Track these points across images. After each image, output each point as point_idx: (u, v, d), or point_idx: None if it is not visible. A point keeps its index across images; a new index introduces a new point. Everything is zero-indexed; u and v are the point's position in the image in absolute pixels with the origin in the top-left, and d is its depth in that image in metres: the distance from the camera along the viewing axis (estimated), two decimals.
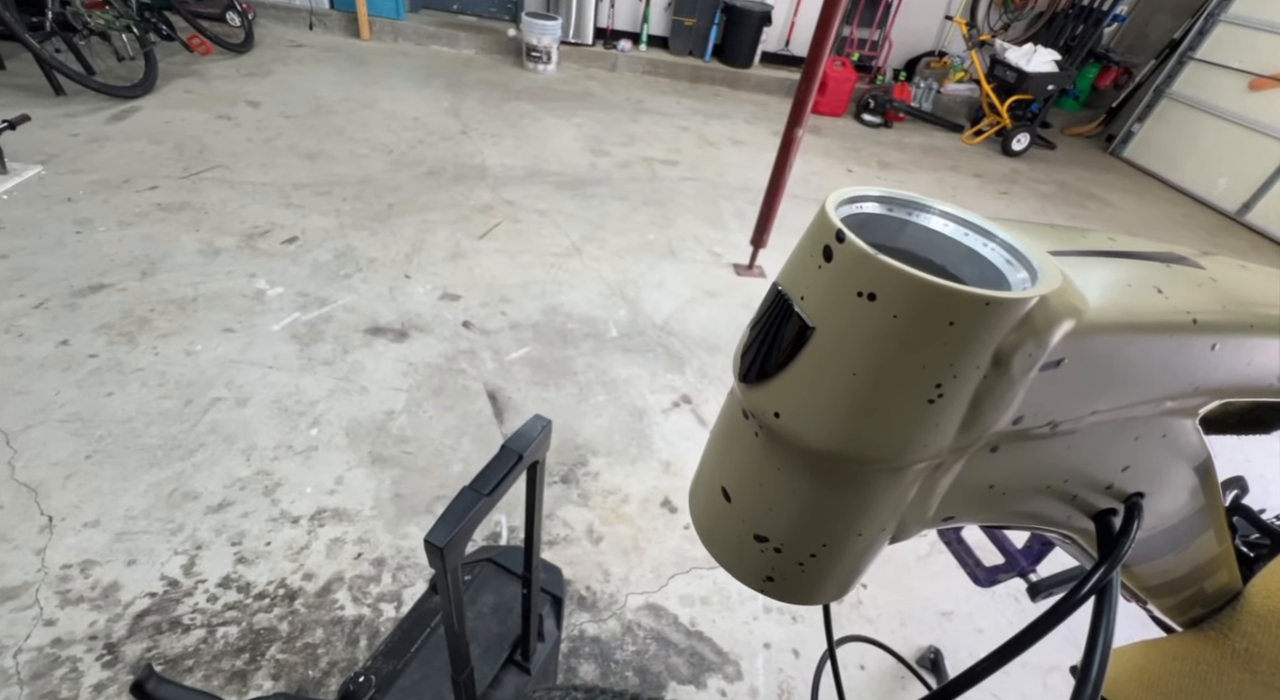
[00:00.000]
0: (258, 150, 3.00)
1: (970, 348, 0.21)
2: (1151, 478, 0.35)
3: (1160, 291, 0.26)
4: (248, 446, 1.61)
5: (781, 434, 0.26)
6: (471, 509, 0.54)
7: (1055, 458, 0.30)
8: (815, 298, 0.23)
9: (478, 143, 3.51)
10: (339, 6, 4.82)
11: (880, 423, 0.23)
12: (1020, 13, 5.77)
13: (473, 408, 1.85)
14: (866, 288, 0.21)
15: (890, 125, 5.22)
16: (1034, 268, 0.23)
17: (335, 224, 2.56)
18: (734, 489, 0.30)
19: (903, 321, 0.21)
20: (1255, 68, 4.39)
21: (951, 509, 0.31)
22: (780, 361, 0.25)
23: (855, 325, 0.22)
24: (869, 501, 0.27)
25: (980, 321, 0.21)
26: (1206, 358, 0.27)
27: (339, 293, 2.19)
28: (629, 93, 4.86)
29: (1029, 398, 0.25)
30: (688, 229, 3.03)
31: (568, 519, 1.58)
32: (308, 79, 3.92)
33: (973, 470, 0.29)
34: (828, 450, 0.25)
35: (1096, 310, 0.23)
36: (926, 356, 0.22)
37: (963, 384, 0.22)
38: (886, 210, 0.26)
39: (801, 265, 0.24)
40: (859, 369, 0.23)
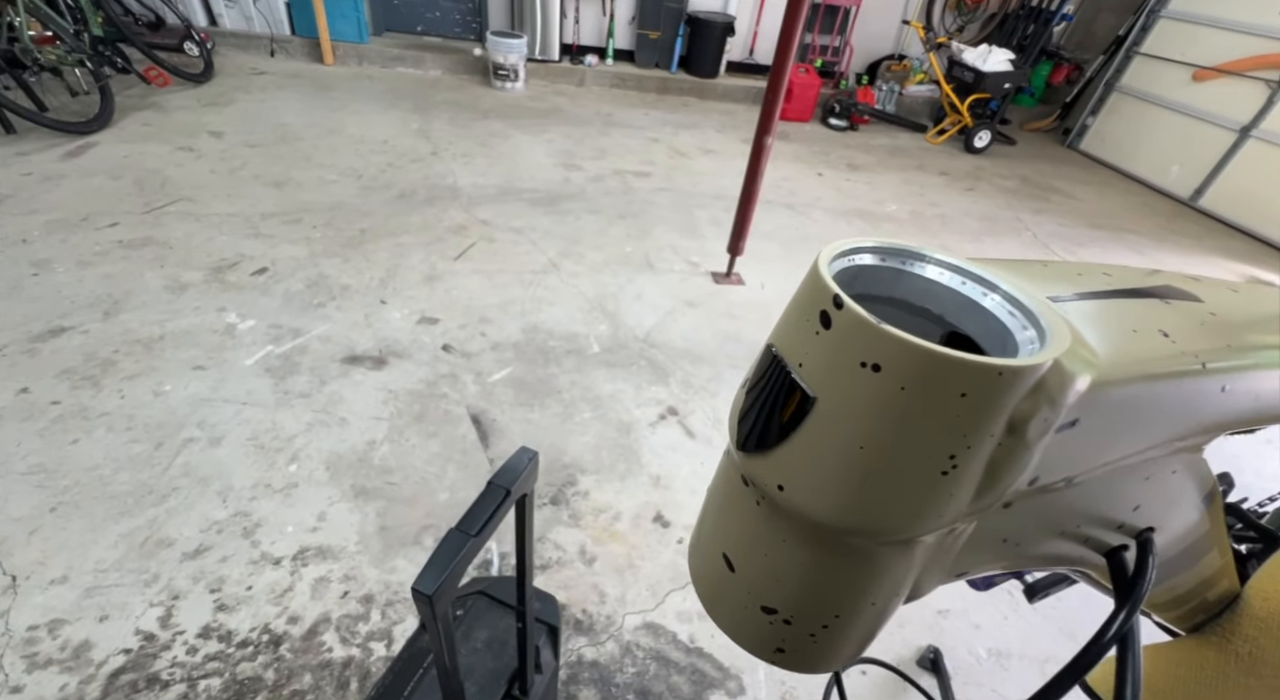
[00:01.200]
0: (222, 181, 2.94)
1: (983, 418, 0.20)
2: (1162, 512, 0.34)
3: (1167, 335, 0.25)
4: (223, 487, 1.55)
5: (786, 507, 0.25)
6: (460, 552, 0.52)
7: (1068, 506, 0.30)
8: (814, 366, 0.22)
9: (449, 163, 3.49)
10: (300, 32, 4.77)
11: (891, 496, 0.22)
12: (973, 14, 5.95)
13: (456, 433, 1.82)
14: (870, 358, 0.20)
15: (856, 128, 5.32)
16: (1041, 325, 0.22)
17: (306, 252, 2.51)
18: (737, 558, 0.29)
19: (911, 393, 0.20)
20: (1197, 60, 4.58)
21: (964, 565, 0.30)
22: (781, 432, 0.23)
23: (859, 397, 0.21)
24: (882, 571, 0.26)
25: (993, 391, 0.20)
26: (1217, 399, 0.27)
27: (313, 322, 2.15)
28: (598, 107, 4.88)
29: (1045, 458, 0.24)
30: (664, 240, 3.04)
31: (559, 541, 1.56)
32: (271, 106, 3.86)
33: (985, 527, 0.28)
34: (837, 525, 0.24)
35: (1108, 365, 0.23)
36: (937, 428, 0.20)
37: (976, 454, 0.21)
38: (881, 261, 0.25)
39: (798, 329, 0.23)
40: (866, 442, 0.21)
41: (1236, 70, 4.32)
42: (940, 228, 3.66)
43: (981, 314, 0.23)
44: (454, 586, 0.53)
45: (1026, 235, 3.75)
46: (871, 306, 0.25)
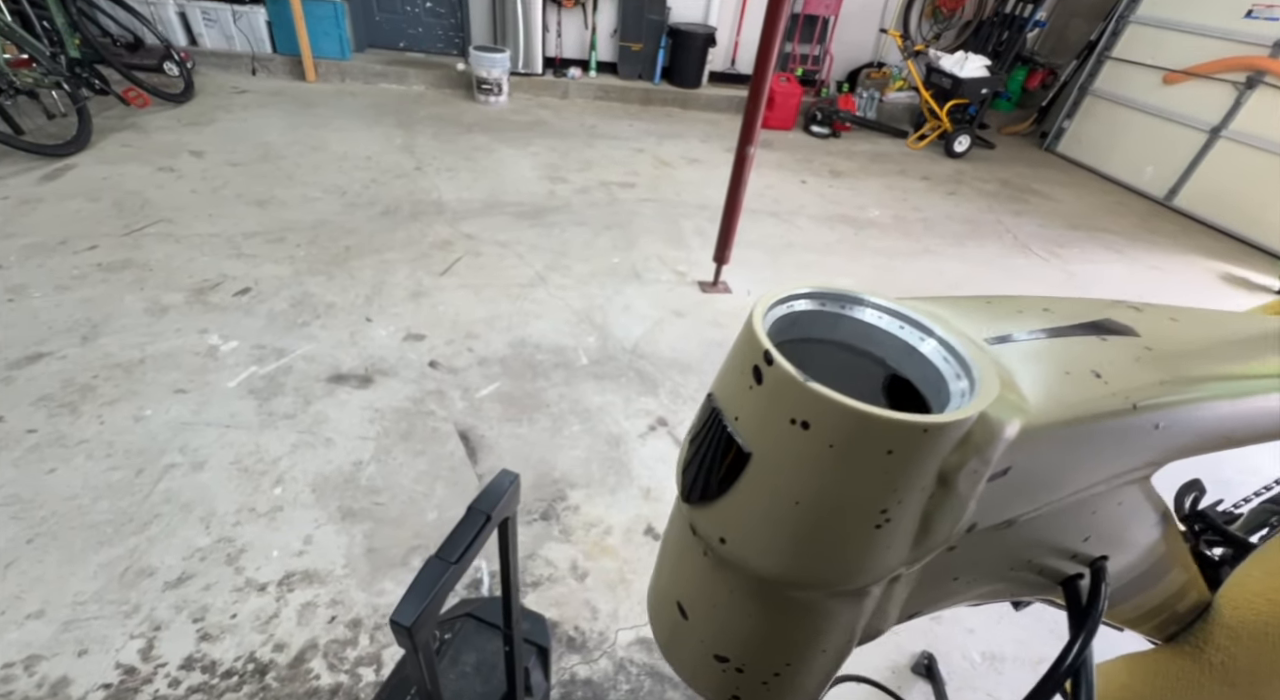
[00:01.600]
0: (203, 201, 2.91)
1: (912, 473, 0.21)
2: (1113, 541, 0.35)
3: (1099, 375, 0.25)
4: (206, 513, 1.53)
5: (729, 560, 0.25)
6: (439, 581, 0.51)
7: (1014, 544, 0.30)
8: (749, 421, 0.22)
9: (433, 178, 3.48)
10: (282, 50, 4.77)
11: (829, 550, 0.22)
12: (949, 22, 6.06)
13: (444, 450, 1.80)
14: (799, 416, 0.20)
15: (838, 135, 5.39)
16: (973, 374, 0.22)
17: (290, 271, 2.49)
18: (689, 606, 0.29)
19: (839, 450, 0.20)
20: (1166, 63, 4.69)
21: (916, 606, 0.30)
22: (721, 485, 0.23)
23: (792, 453, 0.21)
24: (830, 621, 0.26)
25: (919, 447, 0.20)
26: (1151, 436, 0.27)
27: (297, 342, 2.12)
28: (582, 119, 4.91)
29: (981, 504, 0.24)
30: (651, 250, 3.05)
31: (550, 557, 1.54)
32: (253, 125, 3.85)
33: (932, 570, 0.28)
34: (778, 578, 0.24)
35: (1037, 412, 0.23)
36: (868, 484, 0.21)
37: (909, 507, 0.22)
38: (820, 306, 0.25)
39: (734, 382, 0.23)
40: (801, 498, 0.21)
41: (1204, 73, 4.43)
42: (923, 232, 3.70)
43: (919, 360, 0.23)
44: (434, 616, 0.52)
45: (1008, 237, 3.80)
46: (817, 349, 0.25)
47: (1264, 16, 4.09)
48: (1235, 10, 4.24)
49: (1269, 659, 0.46)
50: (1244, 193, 4.23)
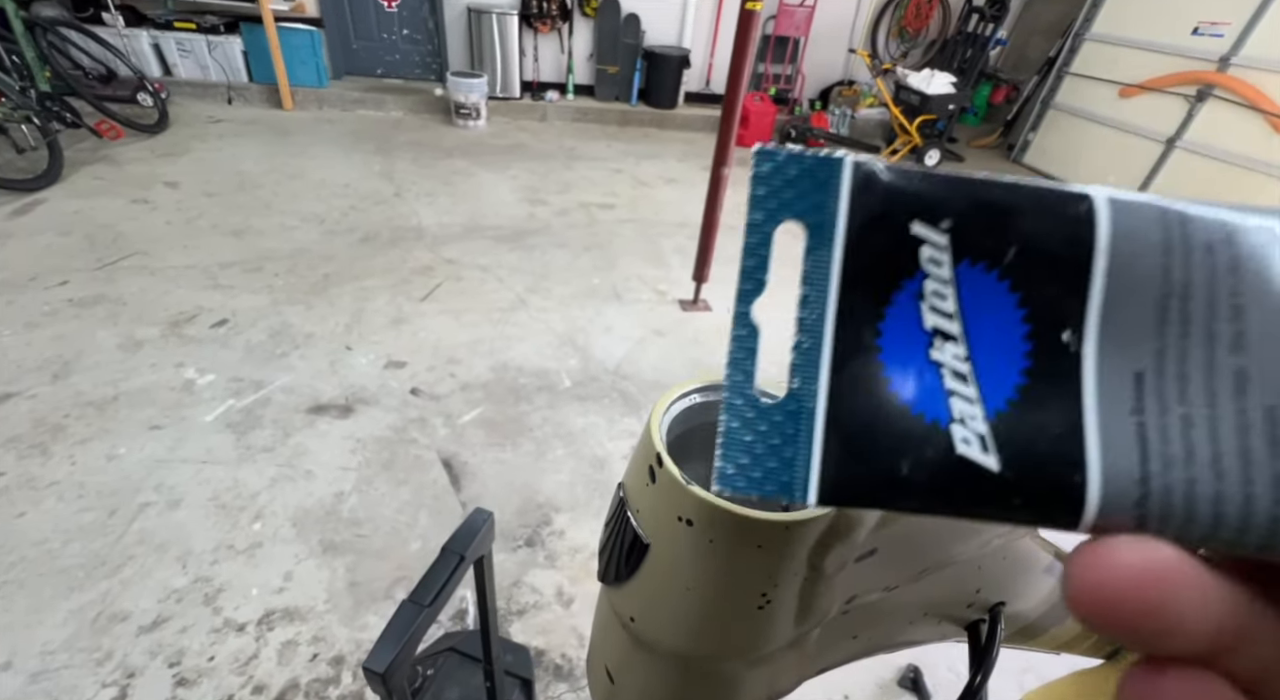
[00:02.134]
0: (178, 232, 2.89)
1: (782, 563, 0.23)
2: (1006, 590, 0.37)
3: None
4: (183, 553, 1.50)
5: (639, 636, 0.27)
6: (413, 625, 0.52)
7: (907, 603, 0.32)
8: (646, 515, 0.25)
9: (412, 203, 3.50)
10: (258, 79, 4.77)
11: (719, 629, 0.25)
12: (915, 41, 6.26)
13: (427, 478, 1.79)
14: (684, 514, 0.23)
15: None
16: None
17: (268, 301, 2.48)
18: (615, 672, 0.31)
19: (718, 544, 0.22)
20: (1121, 78, 4.89)
21: (823, 661, 0.32)
22: (628, 570, 0.26)
23: (681, 546, 0.23)
24: (735, 686, 0.29)
25: (785, 542, 0.22)
26: None
27: (276, 373, 2.11)
28: (561, 141, 4.97)
29: (856, 581, 0.26)
30: (631, 270, 3.08)
31: (536, 584, 1.53)
32: (229, 154, 3.84)
33: (830, 632, 0.30)
34: (680, 653, 0.26)
35: None
36: (746, 573, 0.23)
37: (785, 590, 0.24)
38: (717, 397, 0.27)
39: (635, 478, 0.25)
40: (691, 584, 0.24)
41: (1157, 86, 4.62)
42: None
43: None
44: (408, 661, 0.52)
45: None
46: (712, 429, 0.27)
47: (1209, 33, 4.29)
48: (1183, 27, 4.44)
49: None
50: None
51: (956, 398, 0.12)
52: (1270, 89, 3.98)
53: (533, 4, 5.11)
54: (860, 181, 0.14)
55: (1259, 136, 4.05)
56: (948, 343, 0.13)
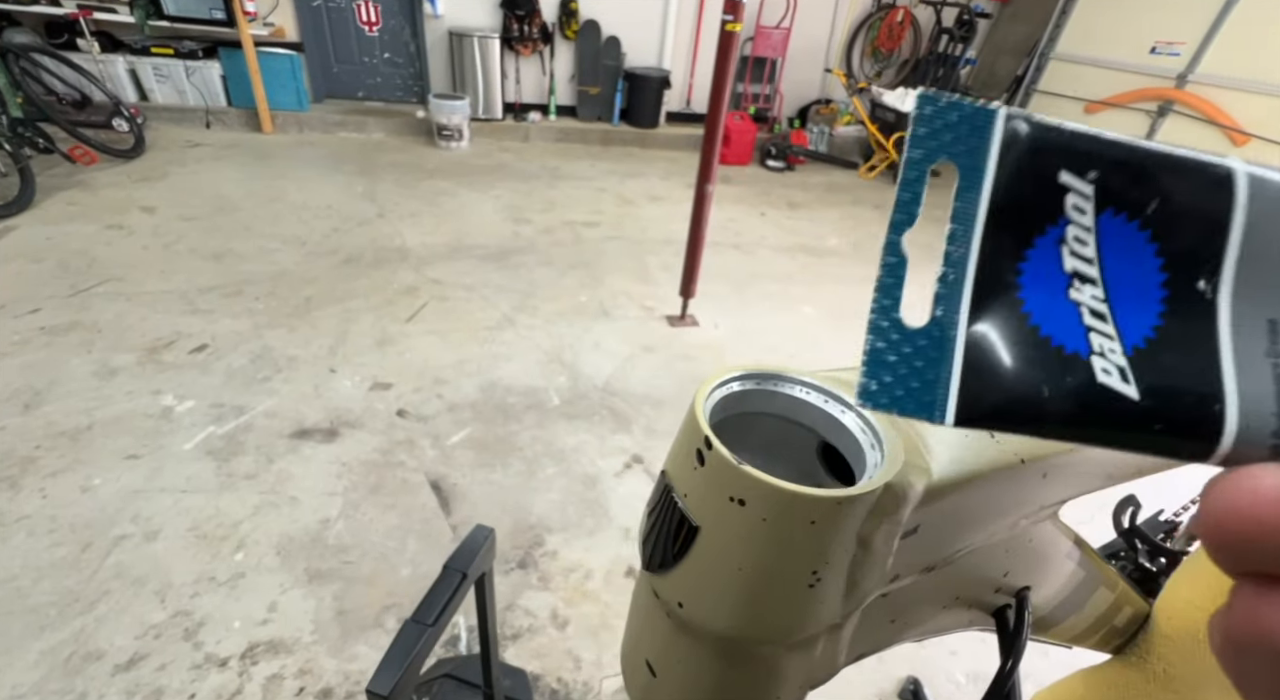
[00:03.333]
0: (155, 257, 2.84)
1: (834, 539, 0.23)
2: (1031, 573, 0.38)
3: (993, 436, 0.29)
4: (161, 586, 1.44)
5: (687, 621, 0.27)
6: (416, 645, 0.50)
7: (941, 586, 0.33)
8: (695, 498, 0.25)
9: (395, 224, 3.48)
10: (237, 103, 4.76)
11: (770, 609, 0.25)
12: (889, 61, 6.46)
13: (416, 501, 1.75)
14: (736, 494, 0.23)
15: (793, 168, 5.62)
16: (883, 443, 0.25)
17: (249, 325, 2.43)
18: (657, 664, 0.31)
19: (771, 523, 0.23)
20: (1086, 95, 5.09)
21: (860, 648, 0.33)
22: (675, 555, 0.26)
23: (732, 526, 0.24)
24: (780, 671, 0.29)
25: (837, 517, 0.23)
26: (1040, 485, 0.31)
27: (258, 398, 2.06)
28: (544, 161, 5.00)
29: (899, 559, 0.27)
30: (618, 287, 3.09)
31: (529, 607, 1.50)
32: (208, 178, 3.80)
33: (869, 617, 0.30)
34: (729, 636, 0.27)
35: (939, 474, 0.26)
36: (798, 550, 0.23)
37: (836, 567, 0.25)
38: (756, 385, 0.28)
39: (682, 462, 0.25)
40: (743, 564, 0.24)
41: (1120, 103, 4.81)
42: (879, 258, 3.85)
43: (843, 430, 0.26)
44: (412, 682, 0.51)
45: None
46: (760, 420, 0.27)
47: (1166, 52, 4.50)
48: (1141, 47, 4.65)
49: (1203, 664, 0.49)
50: None
51: (1095, 333, 0.14)
52: (1225, 104, 4.17)
53: (514, 27, 5.18)
54: (1011, 131, 0.15)
55: (1217, 149, 4.22)
56: (1086, 285, 0.14)
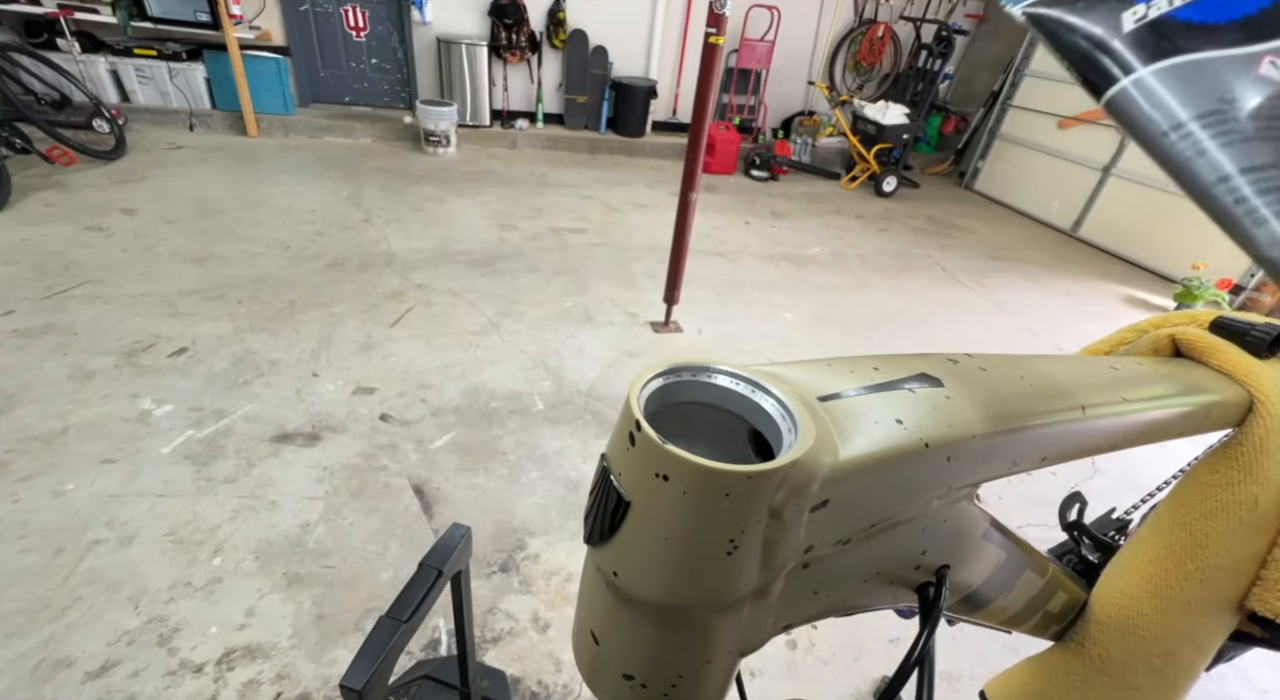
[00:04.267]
0: (135, 260, 2.81)
1: (747, 510, 0.26)
2: (949, 552, 0.40)
3: (900, 422, 0.31)
4: (135, 592, 1.42)
5: (622, 590, 0.30)
6: (391, 641, 0.51)
7: (860, 561, 0.35)
8: (627, 475, 0.27)
9: (381, 229, 3.48)
10: (222, 106, 4.73)
11: (694, 575, 0.28)
12: (870, 75, 6.60)
13: (398, 506, 1.75)
14: (661, 470, 0.26)
15: (777, 178, 5.70)
16: (797, 425, 0.28)
17: (230, 329, 2.42)
18: (600, 633, 0.34)
19: (691, 496, 0.26)
20: (1060, 111, 5.24)
21: (788, 617, 0.36)
22: (611, 528, 0.28)
23: (658, 500, 0.26)
24: (708, 635, 0.32)
25: (748, 490, 0.25)
26: (945, 467, 0.33)
27: (239, 402, 2.05)
28: (531, 168, 5.03)
29: (812, 531, 0.30)
30: (603, 293, 3.11)
31: (511, 610, 1.50)
32: (191, 181, 3.77)
33: (793, 586, 0.33)
34: (659, 601, 0.29)
35: (844, 456, 0.29)
36: (716, 521, 0.26)
37: (751, 536, 0.27)
38: (690, 377, 0.31)
39: (617, 445, 0.28)
40: (668, 535, 0.27)
41: (1091, 119, 4.96)
42: (860, 267, 3.92)
43: (765, 415, 0.29)
44: (386, 678, 0.52)
45: (937, 270, 4.07)
46: (689, 410, 0.30)
47: None
48: None
49: (1133, 649, 0.52)
50: (1136, 223, 4.69)
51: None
52: None
53: (502, 35, 5.22)
54: None
55: None
56: None
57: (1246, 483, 0.48)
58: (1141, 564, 0.53)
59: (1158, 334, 0.56)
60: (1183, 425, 0.47)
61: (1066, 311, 3.73)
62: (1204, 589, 0.50)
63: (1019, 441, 0.37)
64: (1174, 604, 0.51)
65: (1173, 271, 4.38)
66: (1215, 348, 0.51)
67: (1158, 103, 0.18)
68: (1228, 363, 0.50)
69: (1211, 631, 0.53)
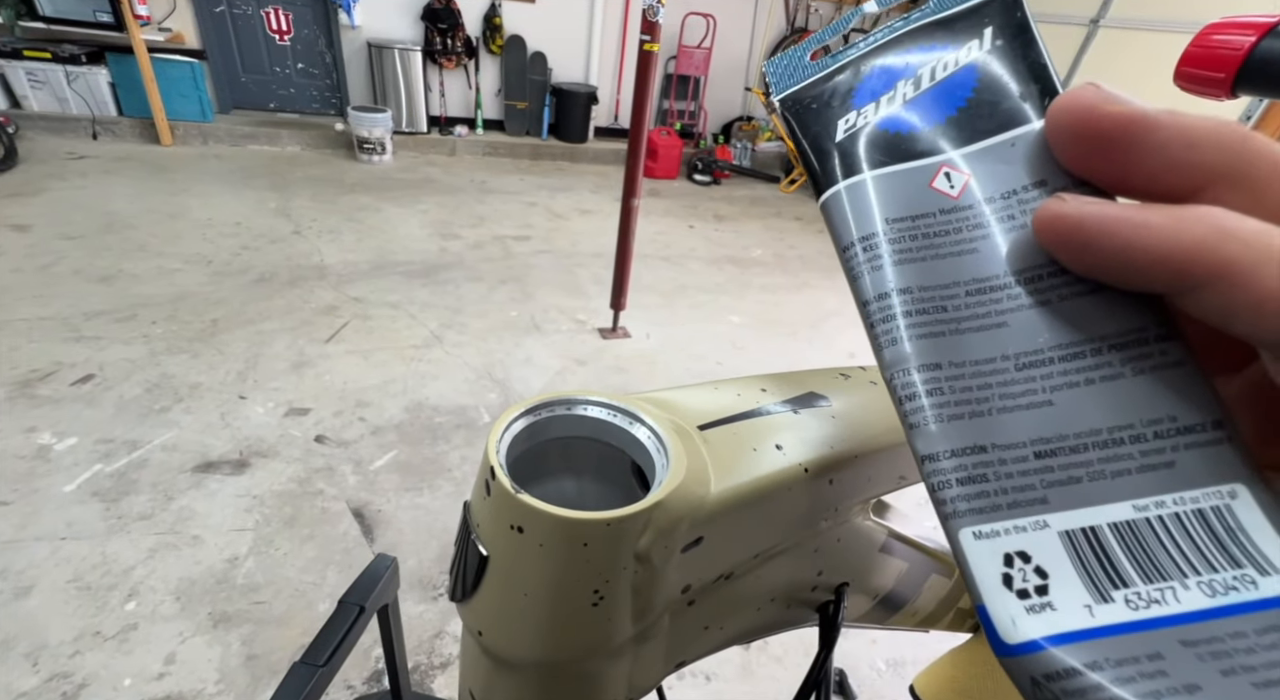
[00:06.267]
0: (30, 280, 2.57)
1: (609, 559, 0.24)
2: (846, 570, 0.40)
3: (780, 448, 0.30)
4: (34, 647, 1.29)
5: (490, 649, 0.28)
6: (306, 688, 0.48)
7: (750, 590, 0.34)
8: (485, 528, 0.26)
9: (313, 241, 3.32)
10: (129, 112, 4.40)
11: (559, 630, 0.26)
12: None
13: (336, 531, 1.66)
14: (515, 521, 0.24)
15: (719, 182, 5.80)
16: (669, 457, 0.26)
17: (144, 352, 2.24)
18: (478, 693, 0.32)
19: (547, 548, 0.24)
20: None
21: (678, 656, 0.34)
22: (472, 584, 0.26)
23: (515, 553, 0.25)
24: (589, 687, 0.29)
25: (607, 538, 0.24)
26: (827, 490, 0.33)
27: (155, 431, 1.90)
28: (472, 175, 4.92)
29: (687, 570, 0.28)
30: (549, 301, 3.07)
31: (459, 633, 1.45)
32: (94, 193, 3.49)
33: (681, 625, 0.32)
34: (526, 661, 0.27)
35: (718, 489, 0.27)
36: (576, 572, 0.24)
37: (617, 584, 0.25)
38: (565, 410, 0.28)
39: (476, 495, 0.26)
40: (528, 589, 0.25)
41: None
42: (801, 267, 4.04)
43: (640, 446, 0.27)
44: None
45: None
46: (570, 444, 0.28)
47: None
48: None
49: None
50: None
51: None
52: None
53: (436, 40, 5.10)
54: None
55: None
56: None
57: None
58: None
59: None
60: None
61: None
62: None
63: (905, 455, 0.35)
64: None
65: None
66: None
67: (842, 218, 0.18)
68: None
69: None
